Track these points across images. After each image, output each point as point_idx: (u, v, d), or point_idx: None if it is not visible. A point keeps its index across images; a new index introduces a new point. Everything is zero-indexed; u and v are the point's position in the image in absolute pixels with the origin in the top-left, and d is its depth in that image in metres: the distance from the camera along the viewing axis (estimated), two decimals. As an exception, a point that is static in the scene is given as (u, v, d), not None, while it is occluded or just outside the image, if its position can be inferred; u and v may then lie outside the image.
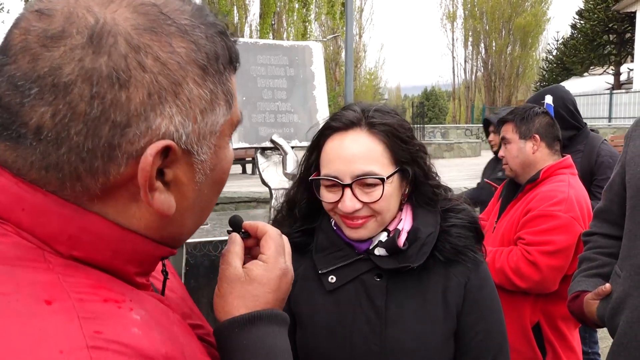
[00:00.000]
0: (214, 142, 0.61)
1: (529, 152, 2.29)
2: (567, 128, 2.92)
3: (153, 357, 0.50)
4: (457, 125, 30.94)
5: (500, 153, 2.43)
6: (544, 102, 2.90)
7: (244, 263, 0.78)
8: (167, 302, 0.66)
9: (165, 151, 0.55)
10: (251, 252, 0.82)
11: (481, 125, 26.08)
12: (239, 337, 0.71)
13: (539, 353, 2.15)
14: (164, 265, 0.73)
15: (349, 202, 1.15)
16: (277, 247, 0.78)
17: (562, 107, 2.94)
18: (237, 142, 2.96)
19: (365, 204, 1.15)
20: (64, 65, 0.51)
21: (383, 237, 1.21)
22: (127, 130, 0.53)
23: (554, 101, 2.91)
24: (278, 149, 3.02)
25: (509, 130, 2.36)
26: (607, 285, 1.55)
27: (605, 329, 1.60)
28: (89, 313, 0.49)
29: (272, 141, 3.01)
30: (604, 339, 4.23)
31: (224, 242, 0.90)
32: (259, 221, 0.82)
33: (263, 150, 3.07)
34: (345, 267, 1.22)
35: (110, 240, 0.57)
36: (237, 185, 7.12)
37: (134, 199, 0.57)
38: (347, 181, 1.15)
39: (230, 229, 0.81)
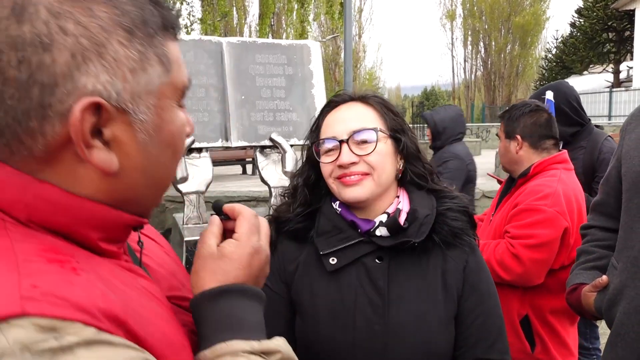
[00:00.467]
0: (153, 103, 0.65)
1: (513, 151, 2.37)
2: (571, 124, 2.93)
3: (87, 310, 0.54)
4: (457, 124, 30.88)
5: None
6: (544, 98, 2.90)
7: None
8: (138, 271, 0.71)
9: (98, 109, 0.60)
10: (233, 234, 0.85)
11: (481, 124, 26.07)
12: (208, 310, 0.74)
13: (527, 344, 2.18)
14: (139, 236, 0.78)
15: (346, 154, 1.22)
16: (250, 227, 0.81)
17: (565, 103, 2.94)
18: (236, 141, 2.97)
19: (360, 157, 1.22)
20: None
21: (384, 218, 1.25)
22: (55, 90, 0.57)
23: (555, 97, 2.91)
24: (277, 148, 3.04)
25: (500, 129, 2.46)
26: (604, 277, 1.56)
27: (604, 324, 1.61)
28: (30, 271, 0.54)
29: (271, 139, 3.02)
30: (605, 335, 4.23)
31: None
32: (236, 204, 0.85)
33: (262, 148, 3.08)
34: (346, 248, 1.24)
35: (65, 206, 0.62)
36: (236, 185, 7.16)
37: (79, 161, 0.61)
38: (344, 137, 1.23)
39: (213, 212, 0.85)
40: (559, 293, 2.06)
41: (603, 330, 4.30)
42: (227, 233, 0.83)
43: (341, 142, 1.23)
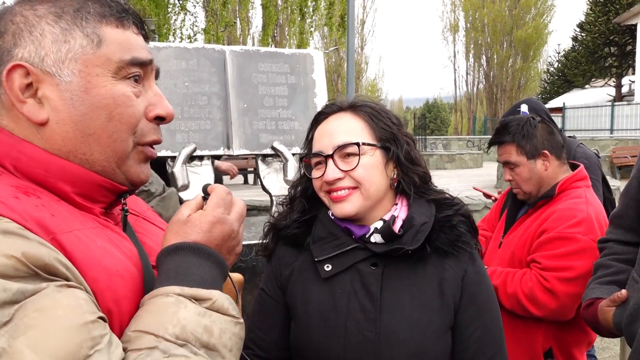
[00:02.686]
0: (78, 68, 0.81)
1: (541, 171, 2.11)
2: None
3: (18, 212, 0.70)
4: (459, 136, 30.98)
5: (507, 177, 2.21)
6: (519, 111, 2.93)
7: None
8: (121, 234, 0.86)
9: (27, 74, 0.79)
10: None
11: (483, 136, 26.09)
12: (163, 264, 0.82)
13: None
14: (124, 205, 0.92)
15: (330, 171, 1.22)
16: (217, 200, 0.89)
17: (539, 112, 2.97)
18: (238, 149, 2.97)
19: (345, 172, 1.21)
20: None
21: (379, 224, 1.23)
22: (2, 62, 0.79)
23: (529, 110, 2.92)
24: (279, 156, 3.03)
25: (512, 153, 2.14)
26: (623, 291, 1.50)
27: (606, 339, 1.57)
28: None
29: (273, 148, 3.02)
30: (607, 349, 4.20)
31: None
32: (218, 184, 0.94)
33: (264, 157, 3.07)
34: (341, 255, 1.23)
35: (39, 160, 0.80)
36: (238, 194, 7.19)
37: (20, 114, 0.80)
38: (329, 152, 1.23)
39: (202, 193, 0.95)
40: (585, 326, 1.89)
41: (604, 344, 4.26)
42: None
43: (327, 157, 1.23)
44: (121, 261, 0.80)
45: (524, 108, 2.91)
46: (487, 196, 3.29)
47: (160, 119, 0.90)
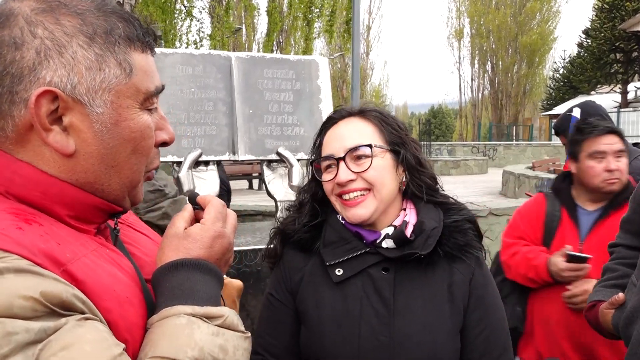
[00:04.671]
0: (110, 99, 0.76)
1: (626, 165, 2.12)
2: None
3: (26, 246, 0.65)
4: (464, 142, 30.95)
5: (611, 167, 2.15)
6: (570, 115, 2.88)
7: None
8: (115, 250, 0.82)
9: (56, 99, 0.72)
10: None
11: (488, 142, 26.04)
12: (165, 281, 0.79)
13: None
14: (116, 223, 0.89)
15: (343, 173, 1.22)
16: (216, 214, 0.87)
17: (593, 116, 2.79)
18: (243, 154, 2.98)
19: (357, 174, 1.22)
20: None
21: (390, 230, 1.25)
22: (22, 80, 0.71)
23: (581, 114, 2.87)
24: (284, 162, 3.04)
25: (621, 142, 2.18)
26: (621, 294, 1.53)
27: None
28: None
29: (278, 154, 3.03)
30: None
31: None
32: (208, 194, 0.93)
33: (269, 162, 3.09)
34: (352, 259, 1.24)
35: (37, 182, 0.74)
36: (243, 200, 7.20)
37: (44, 143, 0.73)
38: (341, 154, 1.24)
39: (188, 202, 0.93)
40: None
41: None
42: (196, 222, 0.89)
43: (338, 159, 1.24)
44: (128, 285, 0.78)
45: (576, 112, 2.84)
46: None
47: (164, 144, 0.88)
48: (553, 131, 3.28)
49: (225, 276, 0.92)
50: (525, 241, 2.34)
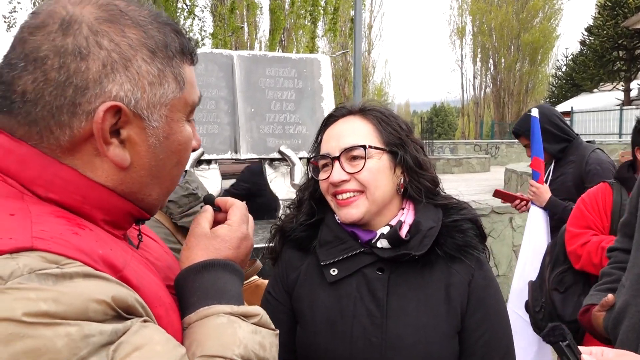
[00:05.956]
0: (165, 113, 0.76)
1: None
2: (557, 141, 3.03)
3: (87, 253, 0.65)
4: (466, 141, 30.90)
5: None
6: (529, 115, 2.95)
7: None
8: (137, 251, 0.81)
9: (118, 112, 0.71)
10: (226, 221, 0.92)
11: (490, 140, 25.95)
12: (194, 282, 0.81)
13: None
14: (139, 230, 0.89)
15: (336, 172, 1.22)
16: (241, 216, 0.91)
17: (547, 123, 3.01)
18: (245, 153, 2.98)
19: (351, 175, 1.22)
20: (42, 44, 0.69)
21: (385, 230, 1.23)
22: (86, 92, 0.69)
23: (540, 116, 2.93)
24: (286, 160, 3.04)
25: None
26: (610, 295, 1.54)
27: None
28: (41, 220, 0.66)
29: (280, 152, 3.03)
30: None
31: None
32: (228, 197, 0.95)
33: (271, 161, 3.09)
34: (347, 259, 1.23)
35: (78, 186, 0.72)
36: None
37: (97, 153, 0.73)
38: (336, 154, 1.23)
39: (204, 204, 0.95)
40: None
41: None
42: (215, 224, 0.91)
43: (333, 159, 1.23)
44: (166, 292, 0.79)
45: (534, 112, 2.93)
46: (512, 198, 3.25)
47: (192, 150, 0.87)
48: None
49: (258, 277, 0.95)
50: (593, 230, 2.39)
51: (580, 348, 1.00)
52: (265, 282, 1.27)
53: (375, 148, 1.23)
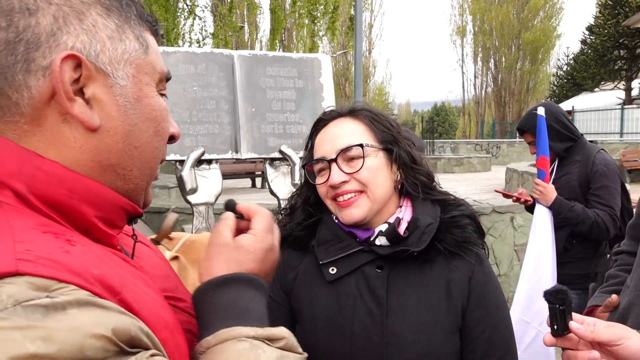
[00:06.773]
0: (132, 72, 0.72)
1: None
2: (563, 140, 3.02)
3: (81, 274, 0.57)
4: (467, 140, 30.93)
5: None
6: (535, 113, 2.94)
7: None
8: (132, 262, 0.73)
9: (79, 67, 0.66)
10: (250, 230, 0.85)
11: (491, 140, 25.93)
12: (214, 298, 0.74)
13: None
14: (133, 230, 0.83)
15: (335, 175, 1.21)
16: (267, 225, 0.83)
17: (554, 121, 2.99)
18: (246, 153, 2.99)
19: (350, 175, 1.21)
20: None
21: (384, 227, 1.23)
22: (39, 46, 0.65)
23: (545, 113, 2.93)
24: (286, 160, 3.04)
25: None
26: (614, 296, 1.53)
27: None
28: (25, 238, 0.58)
29: (281, 152, 3.03)
30: None
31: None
32: (252, 203, 0.87)
33: (272, 160, 3.09)
34: (346, 258, 1.23)
35: (63, 178, 0.66)
36: (245, 198, 7.21)
37: (63, 119, 0.66)
38: (332, 156, 1.22)
39: (225, 210, 0.87)
40: None
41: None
42: (237, 232, 0.83)
43: (330, 161, 1.22)
44: (168, 309, 0.72)
45: (540, 111, 2.92)
46: (508, 196, 3.27)
47: (171, 138, 0.82)
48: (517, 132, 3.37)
49: (186, 232, 0.87)
50: None
51: (575, 315, 0.99)
52: (202, 236, 1.21)
53: (372, 146, 1.23)
